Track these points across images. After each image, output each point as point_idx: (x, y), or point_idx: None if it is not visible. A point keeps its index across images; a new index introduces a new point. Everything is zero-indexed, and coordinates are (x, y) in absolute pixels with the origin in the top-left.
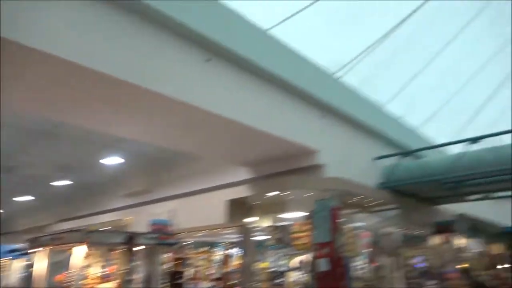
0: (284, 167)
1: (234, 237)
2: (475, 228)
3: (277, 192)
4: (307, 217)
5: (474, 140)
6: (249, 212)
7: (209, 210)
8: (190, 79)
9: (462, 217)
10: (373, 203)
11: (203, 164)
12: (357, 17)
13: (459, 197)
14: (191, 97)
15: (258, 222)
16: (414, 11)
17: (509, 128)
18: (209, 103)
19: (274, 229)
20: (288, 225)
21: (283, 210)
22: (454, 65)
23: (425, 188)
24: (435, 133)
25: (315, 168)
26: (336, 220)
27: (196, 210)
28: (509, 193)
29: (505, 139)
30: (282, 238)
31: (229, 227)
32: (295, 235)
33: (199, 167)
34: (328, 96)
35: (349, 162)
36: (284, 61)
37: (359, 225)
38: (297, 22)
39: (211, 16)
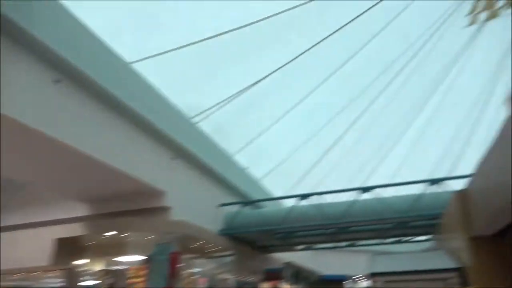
0: (127, 207)
1: (57, 282)
2: (299, 275)
3: (115, 233)
4: (144, 261)
5: (303, 196)
6: (80, 254)
7: (31, 249)
8: (31, 96)
9: (288, 265)
10: (213, 249)
11: (30, 194)
12: (219, 68)
13: (288, 247)
14: (23, 114)
15: (89, 265)
16: (274, 71)
17: (331, 189)
18: (45, 125)
19: (106, 273)
20: (123, 269)
21: (119, 253)
22: (292, 128)
23: (260, 237)
24: (274, 187)
25: (160, 210)
26: (175, 265)
27: (13, 249)
28: (327, 245)
29: (327, 198)
30: (114, 284)
31: (52, 270)
32: (130, 280)
33: (25, 197)
34: (182, 139)
35: (195, 206)
36: (142, 96)
37: (198, 271)
38: (163, 62)
39: (68, 35)
